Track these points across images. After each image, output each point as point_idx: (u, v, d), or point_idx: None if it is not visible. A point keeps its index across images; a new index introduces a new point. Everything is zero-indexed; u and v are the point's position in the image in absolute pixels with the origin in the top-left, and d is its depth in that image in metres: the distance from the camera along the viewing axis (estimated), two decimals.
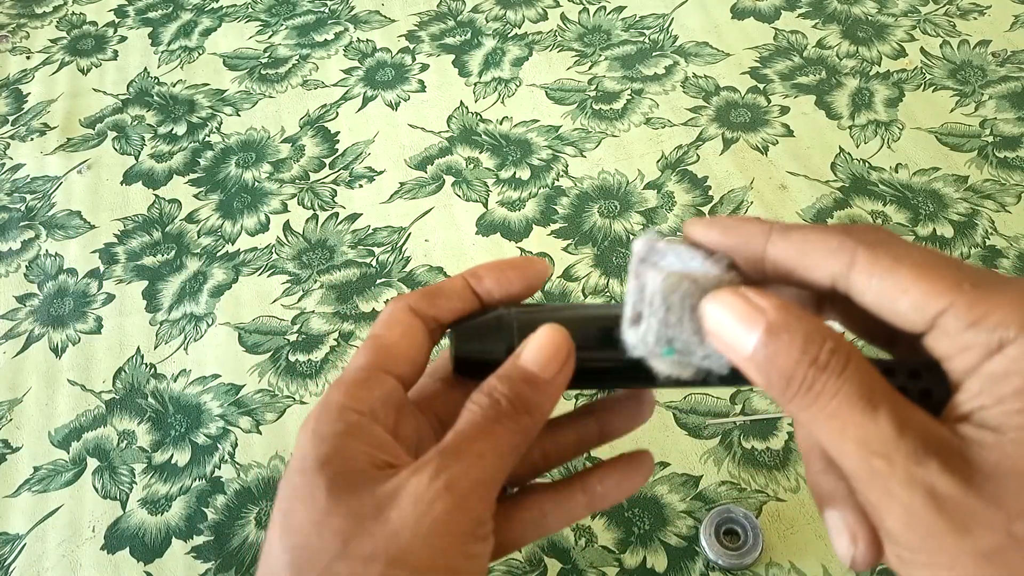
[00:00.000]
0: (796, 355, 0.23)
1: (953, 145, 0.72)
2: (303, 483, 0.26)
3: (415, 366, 0.30)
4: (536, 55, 0.83)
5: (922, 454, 0.21)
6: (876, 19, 0.83)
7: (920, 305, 0.23)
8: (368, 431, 0.27)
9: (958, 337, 0.22)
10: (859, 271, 0.24)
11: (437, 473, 0.25)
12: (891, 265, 0.23)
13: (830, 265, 0.24)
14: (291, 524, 0.26)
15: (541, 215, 0.71)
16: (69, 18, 0.93)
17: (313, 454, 0.26)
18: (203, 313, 0.67)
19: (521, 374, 0.28)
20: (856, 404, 0.22)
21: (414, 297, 0.30)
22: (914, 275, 0.23)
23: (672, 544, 0.54)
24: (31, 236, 0.74)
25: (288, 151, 0.78)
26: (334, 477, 0.26)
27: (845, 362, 0.23)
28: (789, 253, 0.25)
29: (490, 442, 0.27)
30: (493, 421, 0.27)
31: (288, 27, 0.89)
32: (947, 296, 0.22)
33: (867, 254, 0.24)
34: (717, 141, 0.74)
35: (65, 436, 0.62)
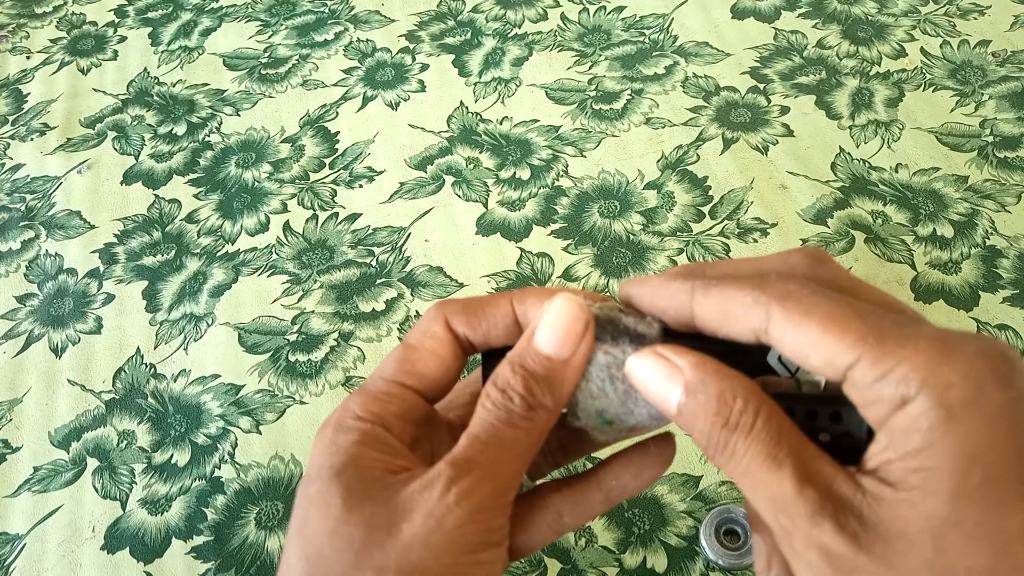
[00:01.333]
0: (711, 416, 0.24)
1: (953, 145, 0.72)
2: (318, 492, 0.26)
3: (441, 384, 0.29)
4: (536, 55, 0.83)
5: (818, 514, 0.22)
6: (876, 19, 0.84)
7: (829, 359, 0.23)
8: (382, 440, 0.27)
9: (866, 391, 0.22)
10: (774, 326, 0.24)
11: (448, 486, 0.25)
12: (800, 320, 0.23)
13: (749, 321, 0.24)
14: (306, 533, 0.26)
15: (541, 215, 0.71)
16: (69, 18, 0.93)
17: (328, 463, 0.26)
18: (203, 313, 0.67)
19: (535, 359, 0.27)
20: (763, 463, 0.23)
21: (454, 310, 0.29)
22: (822, 329, 0.23)
23: (672, 544, 0.54)
24: (31, 236, 0.74)
25: (288, 151, 0.78)
26: (349, 485, 0.26)
27: (753, 421, 0.23)
28: (711, 312, 0.25)
29: (503, 448, 0.26)
30: (507, 424, 0.26)
31: (288, 27, 0.89)
32: (853, 350, 0.22)
33: (779, 309, 0.24)
34: (717, 141, 0.74)
35: (65, 436, 0.62)
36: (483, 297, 0.30)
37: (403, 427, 0.28)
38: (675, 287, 0.26)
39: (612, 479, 0.30)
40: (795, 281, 0.24)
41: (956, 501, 0.21)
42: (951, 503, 0.21)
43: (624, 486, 0.30)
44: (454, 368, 0.29)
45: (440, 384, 0.29)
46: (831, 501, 0.22)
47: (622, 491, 0.30)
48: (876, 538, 0.21)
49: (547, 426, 0.27)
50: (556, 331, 0.27)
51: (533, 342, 0.27)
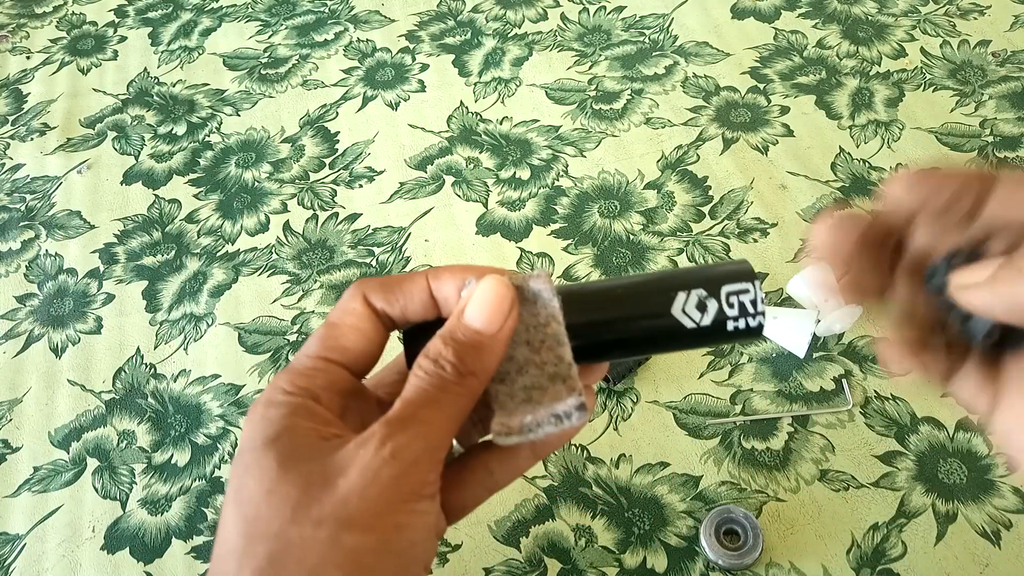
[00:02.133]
0: None
1: (953, 145, 0.72)
2: (253, 459, 0.27)
3: (365, 357, 0.31)
4: (536, 55, 0.83)
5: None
6: (876, 19, 0.83)
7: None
8: (312, 411, 0.28)
9: None
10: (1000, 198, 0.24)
11: (383, 442, 0.26)
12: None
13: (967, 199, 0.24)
14: (242, 497, 0.26)
15: (541, 215, 0.71)
16: (69, 18, 0.93)
17: (261, 435, 0.27)
18: (203, 313, 0.67)
19: (465, 334, 0.28)
20: None
21: (372, 287, 0.31)
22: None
23: (672, 544, 0.54)
24: (31, 236, 0.74)
25: (288, 151, 0.78)
26: (283, 450, 0.27)
27: None
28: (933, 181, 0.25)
29: (436, 409, 0.27)
30: (439, 389, 0.28)
31: (288, 27, 0.89)
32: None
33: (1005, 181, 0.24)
34: (717, 141, 0.74)
35: (65, 436, 0.62)
36: (400, 275, 0.31)
37: (331, 399, 0.29)
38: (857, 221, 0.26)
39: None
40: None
41: None
42: None
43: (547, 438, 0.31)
44: (376, 342, 0.31)
45: (364, 358, 0.31)
46: None
47: (545, 443, 0.31)
48: None
49: (477, 392, 0.28)
50: (485, 308, 0.28)
51: (463, 318, 0.29)
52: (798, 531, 0.53)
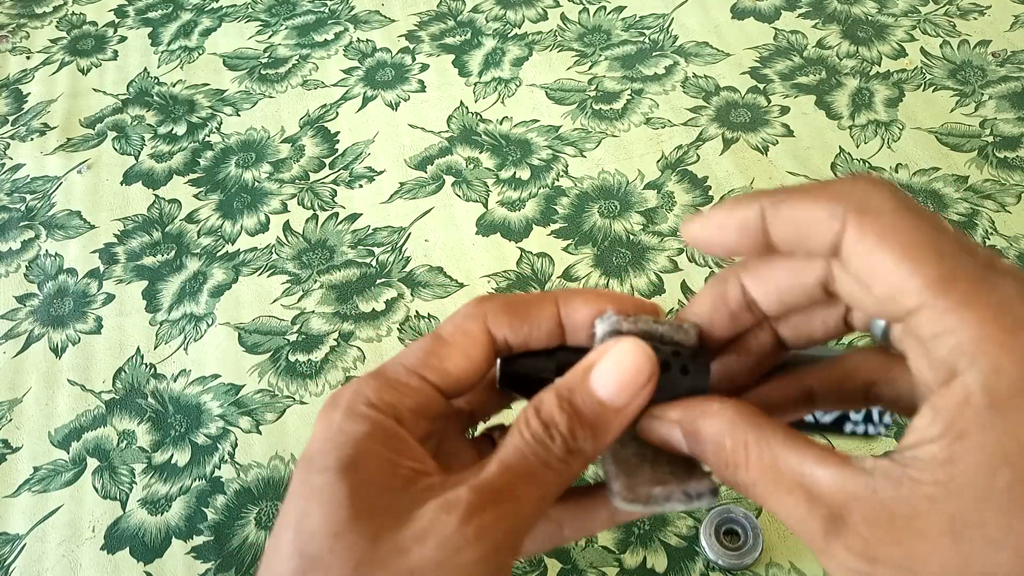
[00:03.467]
0: (711, 460, 0.24)
1: (953, 145, 0.72)
2: (324, 485, 0.24)
3: (464, 384, 0.27)
4: (536, 55, 0.83)
5: (830, 536, 0.21)
6: (876, 19, 0.83)
7: (893, 297, 0.21)
8: (395, 436, 0.25)
9: (921, 345, 0.21)
10: (846, 244, 0.22)
11: (469, 517, 0.23)
12: (875, 243, 0.21)
13: (823, 236, 0.22)
14: (305, 528, 0.24)
15: (541, 215, 0.71)
16: (69, 18, 0.93)
17: (335, 452, 0.24)
18: (203, 313, 0.67)
19: (586, 402, 0.25)
20: (773, 493, 0.22)
21: (496, 309, 0.27)
22: (894, 260, 0.20)
23: (672, 544, 0.54)
24: (31, 236, 0.74)
25: (288, 151, 0.78)
26: (358, 486, 0.24)
27: (745, 456, 0.23)
28: (785, 230, 0.23)
29: (533, 487, 0.24)
30: (542, 464, 0.24)
31: (288, 27, 0.89)
32: (919, 296, 0.20)
33: (854, 224, 0.21)
34: (717, 141, 0.74)
35: (65, 436, 0.62)
36: (526, 296, 0.28)
37: (416, 423, 0.26)
38: (742, 212, 0.24)
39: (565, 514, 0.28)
40: (883, 187, 0.22)
41: (981, 503, 0.19)
42: (976, 505, 0.19)
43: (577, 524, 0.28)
44: (482, 370, 0.27)
45: (463, 384, 0.27)
46: (841, 512, 0.21)
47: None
48: (890, 543, 0.20)
49: (580, 472, 0.25)
50: (617, 377, 0.25)
51: (589, 382, 0.25)
52: None
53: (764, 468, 0.23)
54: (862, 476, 0.21)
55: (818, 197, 0.22)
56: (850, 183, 0.22)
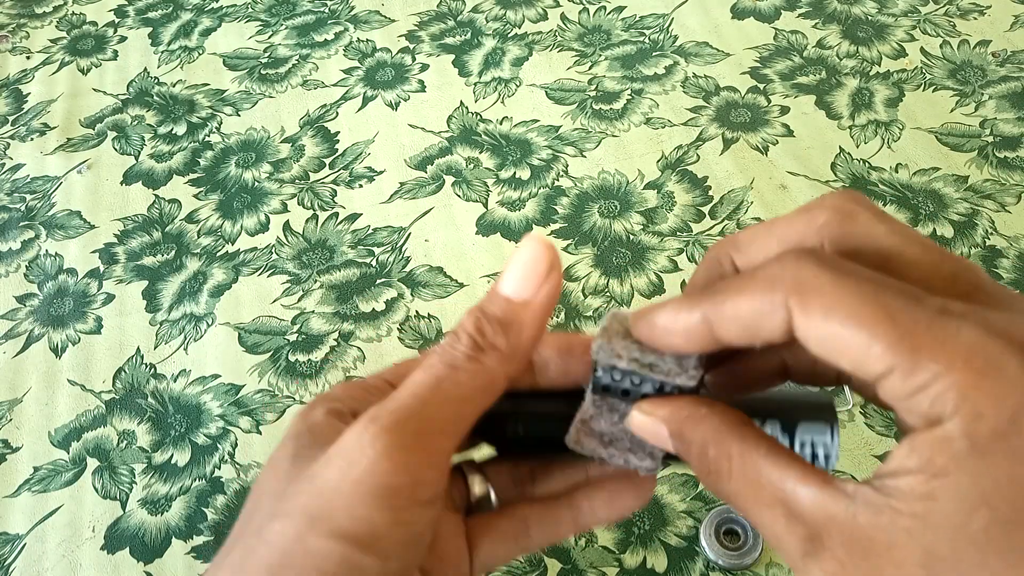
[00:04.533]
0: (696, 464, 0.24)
1: (953, 145, 0.72)
2: (275, 454, 0.26)
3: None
4: (536, 55, 0.83)
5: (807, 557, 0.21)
6: (876, 19, 0.84)
7: (859, 366, 0.21)
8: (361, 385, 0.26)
9: (900, 403, 0.21)
10: (797, 327, 0.21)
11: (369, 423, 0.23)
12: (822, 321, 0.21)
13: (773, 328, 0.22)
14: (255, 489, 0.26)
15: (541, 215, 0.71)
16: (69, 18, 0.93)
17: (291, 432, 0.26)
18: (203, 313, 0.67)
19: (494, 302, 0.25)
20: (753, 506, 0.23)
21: None
22: (848, 333, 0.20)
23: (672, 544, 0.54)
24: (31, 236, 0.74)
25: (288, 151, 0.78)
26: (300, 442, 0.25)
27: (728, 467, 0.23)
28: (734, 331, 0.23)
29: (438, 390, 0.24)
30: (448, 365, 0.24)
31: (288, 27, 0.89)
32: (883, 360, 0.20)
33: (797, 307, 0.21)
34: (717, 141, 0.74)
35: (65, 436, 0.62)
36: None
37: None
38: (684, 319, 0.24)
39: (585, 500, 0.29)
40: (812, 261, 0.21)
41: (958, 540, 0.19)
42: (952, 542, 0.19)
43: (595, 511, 0.29)
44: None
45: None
46: (820, 533, 0.21)
47: (593, 516, 0.29)
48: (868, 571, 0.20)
49: (499, 371, 0.25)
50: (519, 272, 0.25)
51: (496, 287, 0.25)
52: None
53: (746, 480, 0.23)
54: (843, 499, 0.21)
55: (753, 290, 0.22)
56: (778, 265, 0.22)
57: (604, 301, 0.65)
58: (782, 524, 0.22)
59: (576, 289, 0.66)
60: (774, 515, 0.22)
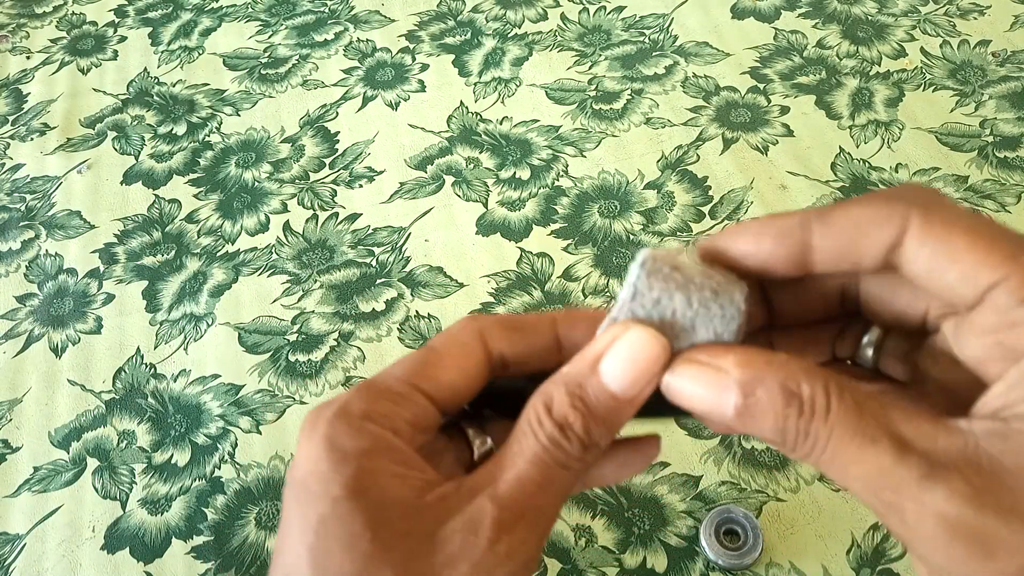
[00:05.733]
0: (780, 411, 0.21)
1: (953, 145, 0.72)
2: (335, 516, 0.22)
3: (457, 396, 0.26)
4: (536, 55, 0.83)
5: (927, 480, 0.20)
6: (876, 19, 0.83)
7: (970, 276, 0.21)
8: (394, 447, 0.24)
9: (1008, 313, 0.20)
10: (911, 238, 0.22)
11: (498, 536, 0.22)
12: (943, 232, 0.21)
13: (882, 237, 0.22)
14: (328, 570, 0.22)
15: (541, 215, 0.71)
16: (69, 18, 0.93)
17: (340, 478, 0.22)
18: (203, 313, 0.67)
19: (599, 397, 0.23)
20: (852, 441, 0.21)
21: (490, 324, 0.26)
22: (967, 243, 0.21)
23: (672, 544, 0.54)
24: (31, 236, 0.74)
25: (288, 151, 0.78)
26: (373, 512, 0.22)
27: (827, 401, 0.21)
28: (837, 240, 0.23)
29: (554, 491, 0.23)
30: (561, 467, 0.23)
31: (288, 27, 0.89)
32: (1001, 269, 0.20)
33: (920, 219, 0.21)
34: (717, 141, 0.74)
35: (65, 436, 0.62)
36: (522, 315, 0.27)
37: (412, 434, 0.24)
38: (781, 223, 0.23)
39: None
40: (933, 192, 0.22)
41: None
42: None
43: (602, 471, 0.27)
44: (475, 386, 0.26)
45: (457, 396, 0.26)
46: (940, 461, 0.20)
47: (600, 476, 0.27)
48: (1001, 491, 0.19)
49: (593, 463, 0.24)
50: (630, 369, 0.23)
51: (599, 375, 0.23)
52: (798, 531, 0.53)
53: (846, 413, 0.21)
54: (958, 432, 0.20)
55: (872, 201, 0.22)
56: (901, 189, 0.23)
57: (604, 301, 0.65)
58: (891, 455, 0.20)
59: (576, 289, 0.66)
60: (879, 449, 0.20)
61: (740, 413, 0.22)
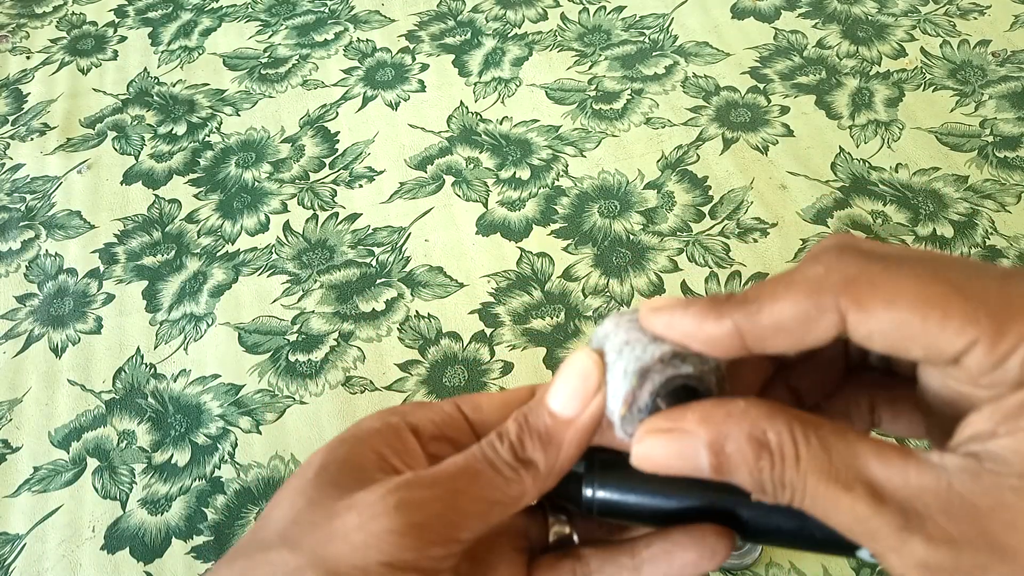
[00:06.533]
0: (751, 463, 0.21)
1: (953, 145, 0.72)
2: (307, 462, 0.25)
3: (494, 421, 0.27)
4: (536, 55, 0.83)
5: (904, 532, 0.20)
6: (876, 19, 0.83)
7: (934, 348, 0.20)
8: (397, 435, 0.25)
9: (984, 377, 0.20)
10: (854, 328, 0.20)
11: (395, 491, 0.23)
12: (886, 313, 0.20)
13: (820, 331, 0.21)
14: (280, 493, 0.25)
15: (541, 215, 0.71)
16: (69, 18, 0.93)
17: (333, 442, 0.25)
18: (203, 313, 0.67)
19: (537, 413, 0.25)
20: (827, 489, 0.20)
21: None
22: (919, 316, 0.19)
23: None
24: (31, 236, 0.74)
25: (288, 151, 0.78)
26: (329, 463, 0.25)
27: (795, 450, 0.21)
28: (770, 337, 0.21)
29: (473, 482, 0.24)
30: (487, 463, 0.24)
31: (288, 27, 0.89)
32: (964, 335, 0.19)
33: (855, 308, 0.20)
34: (717, 141, 0.74)
35: (65, 436, 0.62)
36: None
37: (434, 437, 0.26)
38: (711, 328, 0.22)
39: (645, 549, 0.26)
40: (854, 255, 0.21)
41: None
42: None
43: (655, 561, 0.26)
44: None
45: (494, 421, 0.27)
46: (914, 509, 0.20)
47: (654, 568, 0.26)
48: (978, 532, 0.19)
49: (532, 488, 0.24)
50: (564, 388, 0.24)
51: (544, 398, 0.25)
52: None
53: (815, 459, 0.20)
54: (931, 469, 0.20)
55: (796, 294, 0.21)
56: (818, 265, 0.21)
57: (604, 301, 0.65)
58: (866, 504, 0.20)
59: (576, 289, 0.66)
60: (854, 497, 0.20)
61: (717, 470, 0.22)
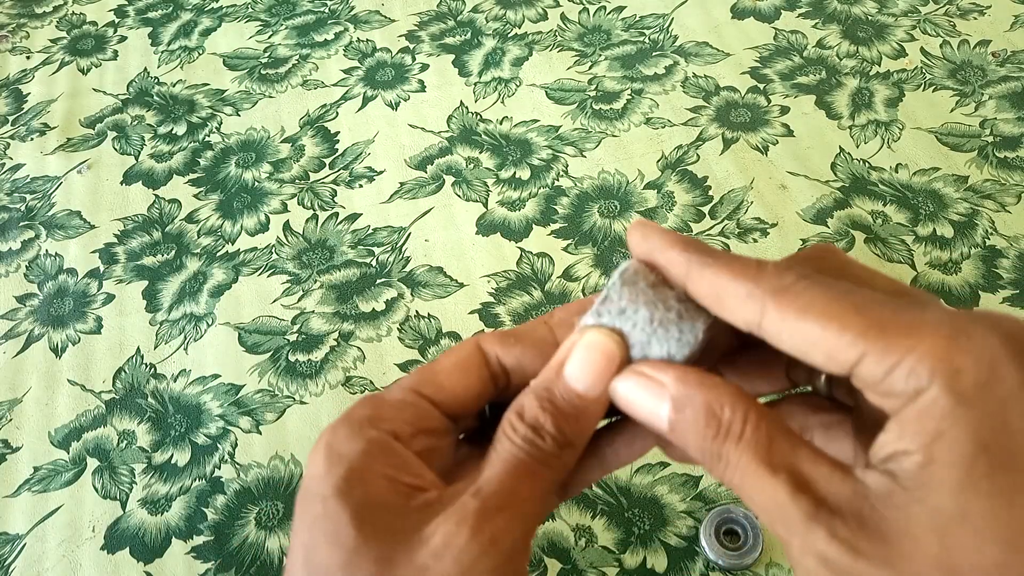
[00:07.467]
0: (701, 429, 0.23)
1: (953, 145, 0.72)
2: (325, 514, 0.24)
3: (462, 400, 0.27)
4: (536, 55, 0.83)
5: (812, 521, 0.21)
6: (876, 19, 0.83)
7: (832, 356, 0.22)
8: (390, 451, 0.25)
9: (878, 387, 0.21)
10: (768, 323, 0.23)
11: (479, 525, 0.23)
12: (797, 317, 0.22)
13: (742, 314, 0.23)
14: (315, 561, 0.23)
15: (541, 215, 0.71)
16: (69, 18, 0.93)
17: (331, 479, 0.24)
18: (203, 313, 0.67)
19: (565, 397, 0.25)
20: (756, 470, 0.22)
21: (489, 335, 0.28)
22: (820, 326, 0.22)
23: (672, 544, 0.54)
24: (31, 236, 0.74)
25: (288, 151, 0.78)
26: (359, 510, 0.23)
27: (742, 428, 0.23)
28: (705, 291, 0.24)
29: (535, 486, 0.25)
30: (539, 463, 0.25)
31: (288, 27, 0.89)
32: (855, 347, 0.21)
33: (773, 305, 0.22)
34: (717, 141, 0.74)
35: (65, 436, 0.62)
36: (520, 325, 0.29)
37: (414, 436, 0.26)
38: (672, 255, 0.25)
39: (607, 445, 0.29)
40: (792, 273, 0.23)
41: (962, 493, 0.19)
42: (956, 495, 0.19)
43: (617, 452, 0.28)
44: (477, 387, 0.28)
45: (461, 400, 0.27)
46: (826, 506, 0.21)
47: (615, 457, 0.29)
48: (877, 540, 0.20)
49: (572, 463, 0.26)
50: (590, 368, 0.25)
51: (564, 377, 0.26)
52: None
53: (757, 445, 0.22)
54: (852, 479, 0.22)
55: (738, 273, 0.23)
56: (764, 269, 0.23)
57: None
58: (786, 491, 0.22)
59: (576, 289, 0.66)
60: (778, 483, 0.22)
61: (672, 427, 0.24)
